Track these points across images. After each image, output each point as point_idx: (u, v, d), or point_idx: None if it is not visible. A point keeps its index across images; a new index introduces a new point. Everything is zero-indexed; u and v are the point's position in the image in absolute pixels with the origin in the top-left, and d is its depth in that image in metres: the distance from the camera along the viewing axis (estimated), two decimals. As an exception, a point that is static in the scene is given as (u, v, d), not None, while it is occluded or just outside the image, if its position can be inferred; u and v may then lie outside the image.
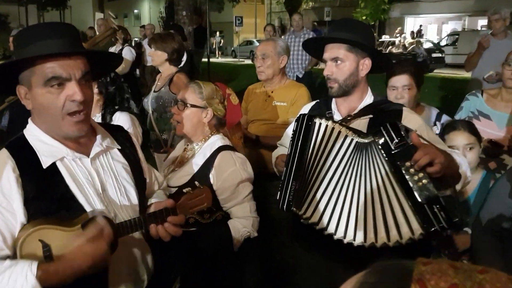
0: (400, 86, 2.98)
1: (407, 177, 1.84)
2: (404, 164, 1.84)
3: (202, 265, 2.34)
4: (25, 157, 1.59)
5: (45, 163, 1.59)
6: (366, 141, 1.96)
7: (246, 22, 26.87)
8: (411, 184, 1.84)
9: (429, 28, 32.69)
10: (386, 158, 1.90)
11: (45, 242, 1.50)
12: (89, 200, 1.64)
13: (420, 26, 25.61)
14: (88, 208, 1.62)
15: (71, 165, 1.65)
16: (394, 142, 1.85)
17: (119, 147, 1.83)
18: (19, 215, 1.53)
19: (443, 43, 24.94)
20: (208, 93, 2.46)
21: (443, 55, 22.27)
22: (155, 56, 3.92)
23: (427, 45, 22.74)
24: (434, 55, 21.82)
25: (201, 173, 2.37)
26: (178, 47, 3.91)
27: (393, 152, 1.86)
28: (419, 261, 0.68)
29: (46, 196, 1.57)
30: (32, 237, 1.50)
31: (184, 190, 1.88)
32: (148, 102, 3.93)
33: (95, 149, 1.71)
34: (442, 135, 2.65)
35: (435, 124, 3.10)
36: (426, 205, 1.84)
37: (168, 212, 1.76)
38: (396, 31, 26.60)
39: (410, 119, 2.18)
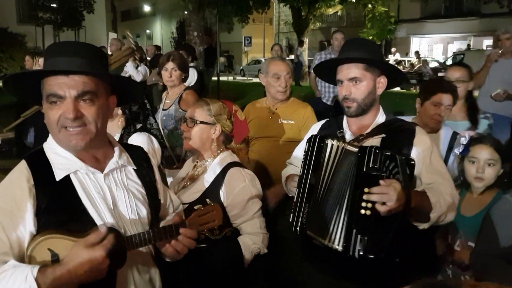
0: (445, 104, 2.96)
1: (356, 198, 1.89)
2: (362, 187, 1.86)
3: (211, 282, 2.29)
4: (40, 169, 1.61)
5: (59, 175, 1.61)
6: (353, 150, 1.98)
7: (254, 42, 27.31)
8: (355, 206, 1.89)
9: (435, 47, 32.88)
10: (356, 169, 1.93)
11: (54, 251, 1.51)
12: (100, 214, 1.65)
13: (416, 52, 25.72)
14: (98, 222, 1.62)
15: (84, 179, 1.67)
16: (368, 165, 1.87)
17: (135, 167, 1.83)
18: (28, 224, 1.53)
19: (449, 62, 25.20)
20: (216, 109, 2.50)
21: (449, 74, 22.53)
22: (175, 76, 4.00)
23: (433, 64, 23.01)
24: (440, 74, 22.07)
25: (211, 189, 2.39)
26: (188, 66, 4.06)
27: (361, 172, 1.89)
28: (466, 283, 0.68)
29: (58, 207, 1.58)
30: (41, 246, 1.51)
31: (195, 207, 1.91)
32: (158, 120, 3.95)
33: (110, 165, 1.73)
34: (468, 146, 2.64)
35: (452, 145, 3.06)
36: (355, 229, 1.90)
37: (178, 227, 1.74)
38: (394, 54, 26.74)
39: (420, 140, 2.17)
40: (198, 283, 2.27)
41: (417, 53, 25.54)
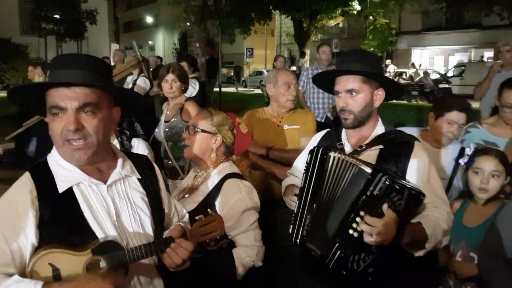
0: (459, 123, 2.95)
1: (350, 216, 1.88)
2: (360, 209, 1.85)
3: None
4: (44, 181, 1.62)
5: (61, 187, 1.61)
6: (366, 169, 1.91)
7: (256, 53, 27.49)
8: (346, 223, 1.89)
9: (436, 59, 33.04)
10: (360, 189, 1.89)
11: (55, 265, 1.51)
12: (101, 226, 1.64)
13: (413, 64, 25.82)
14: (100, 234, 1.62)
15: (87, 190, 1.66)
16: (374, 190, 1.84)
17: (139, 177, 1.82)
18: (30, 236, 1.53)
19: (449, 74, 25.32)
20: (219, 120, 2.52)
21: (450, 86, 22.58)
22: (175, 87, 4.01)
23: (434, 76, 23.12)
24: (441, 85, 22.15)
25: (208, 200, 2.38)
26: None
27: (367, 193, 1.86)
28: None
29: (60, 220, 1.58)
30: (42, 260, 1.51)
31: (197, 218, 1.84)
32: (160, 132, 3.98)
33: (113, 176, 1.72)
34: (473, 157, 2.62)
35: (459, 159, 2.95)
36: (337, 243, 1.91)
37: (173, 239, 1.74)
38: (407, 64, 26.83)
39: (418, 155, 2.16)
40: None
41: (412, 64, 25.60)
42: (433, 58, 33.15)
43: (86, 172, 1.66)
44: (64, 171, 1.64)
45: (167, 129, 3.97)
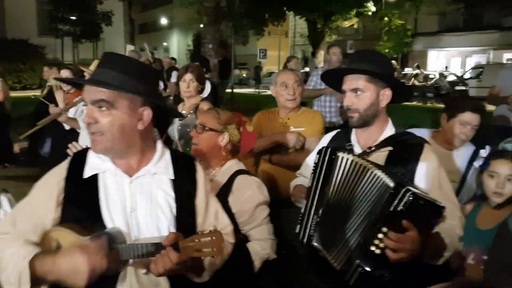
0: (472, 124, 2.92)
1: (372, 233, 1.83)
2: (383, 225, 1.81)
3: None
4: (76, 165, 1.76)
5: (86, 173, 1.73)
6: (391, 184, 1.82)
7: (270, 54, 27.42)
8: (368, 239, 1.83)
9: (453, 61, 32.70)
10: (383, 204, 1.83)
11: (59, 242, 1.64)
12: (112, 217, 1.70)
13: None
14: (109, 224, 1.68)
15: (109, 180, 1.74)
16: (397, 206, 1.78)
17: (172, 177, 1.82)
18: (51, 212, 1.69)
19: (466, 76, 24.98)
20: (226, 118, 2.56)
21: (467, 88, 22.27)
22: (192, 87, 4.05)
23: (450, 78, 22.86)
24: (457, 88, 21.90)
25: (219, 197, 2.30)
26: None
27: (388, 211, 1.80)
28: None
29: (78, 203, 1.70)
30: (51, 235, 1.66)
31: (198, 231, 1.70)
32: (174, 130, 4.01)
33: (140, 172, 1.76)
34: (488, 160, 2.57)
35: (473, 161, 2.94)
36: (358, 260, 1.85)
37: (162, 247, 1.63)
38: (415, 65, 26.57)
39: (427, 158, 2.13)
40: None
41: (417, 66, 25.33)
42: (450, 60, 32.79)
43: (115, 164, 1.75)
44: (96, 159, 1.76)
45: (180, 127, 4.02)
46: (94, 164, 1.75)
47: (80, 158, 1.79)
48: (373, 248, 1.81)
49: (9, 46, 26.28)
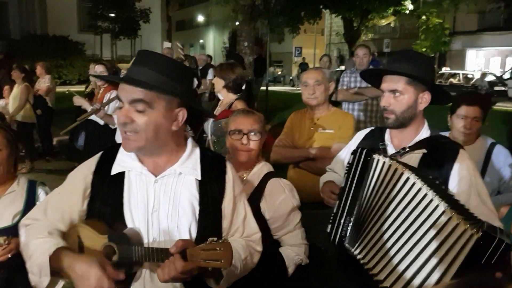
0: (471, 117, 2.96)
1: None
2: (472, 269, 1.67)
3: None
4: (105, 161, 1.78)
5: (114, 170, 1.75)
6: (473, 232, 1.65)
7: (305, 52, 27.33)
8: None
9: (492, 60, 31.75)
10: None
11: (81, 238, 1.69)
12: (133, 215, 1.70)
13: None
14: (129, 222, 1.68)
15: (135, 179, 1.73)
16: (489, 259, 1.62)
17: (199, 178, 1.78)
18: (78, 205, 1.74)
19: (506, 76, 24.25)
20: (263, 120, 2.53)
21: (506, 89, 21.64)
22: (216, 83, 4.11)
23: (489, 78, 22.25)
24: (496, 88, 21.29)
25: (251, 202, 2.20)
26: (235, 77, 4.08)
27: (480, 262, 1.63)
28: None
29: (102, 199, 1.72)
30: (75, 231, 1.72)
31: (209, 239, 1.61)
32: (208, 126, 4.04)
33: (166, 171, 1.74)
34: None
35: (489, 156, 3.03)
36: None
37: (171, 254, 1.60)
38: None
39: (462, 163, 2.08)
40: None
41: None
42: (489, 60, 31.84)
43: (143, 162, 1.74)
44: (124, 157, 1.76)
45: (213, 124, 4.05)
46: (122, 162, 1.76)
47: (110, 154, 1.80)
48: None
49: (51, 43, 27.04)
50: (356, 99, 5.61)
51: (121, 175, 1.74)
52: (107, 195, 1.73)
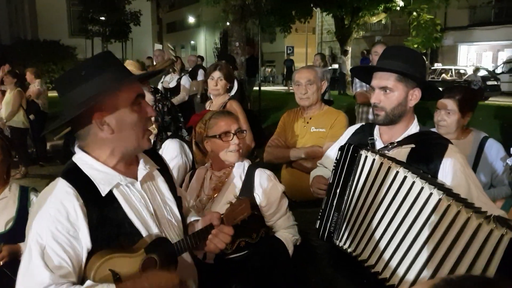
0: (442, 109, 3.02)
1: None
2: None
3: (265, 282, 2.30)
4: (83, 186, 1.61)
5: (103, 191, 1.63)
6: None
7: (297, 51, 27.34)
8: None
9: (484, 55, 31.92)
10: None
11: (114, 271, 1.55)
12: (145, 224, 1.69)
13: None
14: (144, 232, 1.67)
15: (126, 191, 1.69)
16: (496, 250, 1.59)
17: (158, 167, 1.88)
18: (85, 241, 1.56)
19: (498, 70, 24.40)
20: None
21: (499, 83, 21.76)
22: (220, 85, 4.08)
23: (482, 73, 22.36)
24: (489, 82, 21.39)
25: (244, 194, 2.41)
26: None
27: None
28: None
29: (108, 222, 1.61)
30: (103, 268, 1.54)
31: (227, 203, 1.93)
32: None
33: (141, 172, 1.76)
34: None
35: (481, 150, 3.03)
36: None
37: (212, 227, 1.83)
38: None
39: (452, 158, 2.07)
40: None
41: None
42: (481, 54, 31.99)
43: (119, 171, 1.70)
44: (101, 174, 1.65)
45: None
46: (103, 179, 1.65)
47: (79, 177, 1.64)
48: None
49: (42, 47, 26.90)
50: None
51: (110, 193, 1.65)
52: (109, 217, 1.62)
